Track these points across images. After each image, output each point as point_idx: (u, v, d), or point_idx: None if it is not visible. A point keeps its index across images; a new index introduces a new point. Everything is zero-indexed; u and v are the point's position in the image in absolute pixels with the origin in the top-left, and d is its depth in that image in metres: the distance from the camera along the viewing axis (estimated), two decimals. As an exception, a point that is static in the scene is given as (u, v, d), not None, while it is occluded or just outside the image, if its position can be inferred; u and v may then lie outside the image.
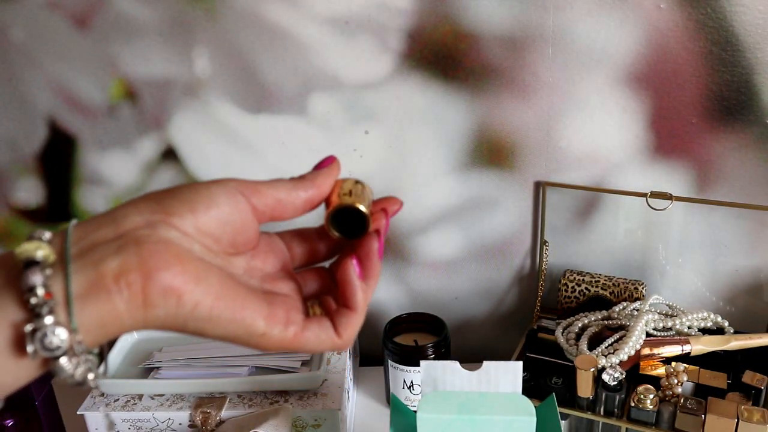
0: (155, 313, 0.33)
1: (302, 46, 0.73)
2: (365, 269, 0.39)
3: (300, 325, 0.37)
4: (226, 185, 0.37)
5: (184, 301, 0.33)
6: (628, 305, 0.73)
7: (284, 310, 0.37)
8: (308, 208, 0.40)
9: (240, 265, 0.38)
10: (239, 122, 0.77)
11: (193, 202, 0.35)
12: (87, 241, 0.33)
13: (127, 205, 0.35)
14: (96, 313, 0.32)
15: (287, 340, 0.36)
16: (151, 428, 0.67)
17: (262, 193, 0.38)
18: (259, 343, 0.36)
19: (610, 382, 0.64)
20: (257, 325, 0.35)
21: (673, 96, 0.71)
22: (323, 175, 0.41)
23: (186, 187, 0.36)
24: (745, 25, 0.67)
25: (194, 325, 0.34)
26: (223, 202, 0.36)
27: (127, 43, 0.73)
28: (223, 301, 0.34)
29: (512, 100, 0.74)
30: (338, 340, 0.38)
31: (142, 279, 0.32)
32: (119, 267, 0.32)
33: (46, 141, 0.79)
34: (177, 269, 0.33)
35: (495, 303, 0.86)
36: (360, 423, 0.76)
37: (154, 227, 0.33)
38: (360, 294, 0.38)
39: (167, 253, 0.33)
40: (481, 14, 0.70)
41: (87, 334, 0.32)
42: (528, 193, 0.79)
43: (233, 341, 0.36)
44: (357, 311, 0.38)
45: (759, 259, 0.77)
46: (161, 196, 0.36)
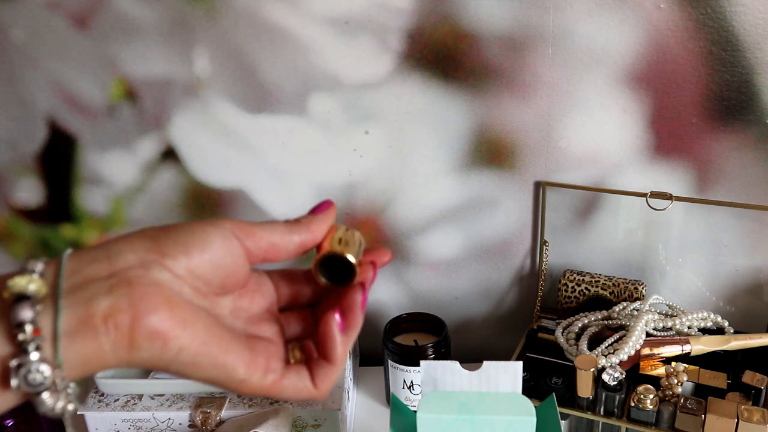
0: (140, 355, 0.33)
1: (302, 46, 0.72)
2: (347, 322, 0.38)
3: (279, 373, 0.37)
4: (222, 227, 0.37)
5: (170, 346, 0.33)
6: (628, 305, 0.73)
7: (265, 357, 0.37)
8: (301, 252, 0.40)
9: (226, 305, 0.39)
10: (239, 122, 0.76)
11: (188, 244, 0.35)
12: (80, 276, 0.33)
13: (122, 241, 0.35)
14: (81, 351, 0.32)
15: (265, 387, 0.37)
16: (151, 428, 0.67)
17: (257, 236, 0.38)
18: (238, 388, 0.36)
19: (610, 382, 0.64)
20: (238, 371, 0.36)
21: (673, 96, 0.71)
22: (318, 221, 0.41)
23: (182, 227, 0.36)
24: (745, 25, 0.67)
25: (176, 367, 0.34)
26: (217, 246, 0.36)
27: (127, 43, 0.73)
28: (207, 347, 0.34)
29: (512, 100, 0.74)
30: (315, 391, 0.38)
31: (130, 321, 0.32)
32: (109, 308, 0.32)
33: (46, 141, 0.79)
34: (165, 314, 0.33)
35: (495, 303, 0.86)
36: (360, 423, 0.76)
37: (147, 268, 0.34)
38: (340, 348, 0.38)
39: (158, 296, 0.33)
40: (481, 14, 0.70)
41: (70, 371, 0.32)
42: (528, 193, 0.79)
43: (213, 384, 0.36)
44: (335, 365, 0.38)
45: (759, 259, 0.77)
46: (157, 234, 0.36)
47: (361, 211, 0.81)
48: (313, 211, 0.42)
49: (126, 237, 0.35)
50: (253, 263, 0.39)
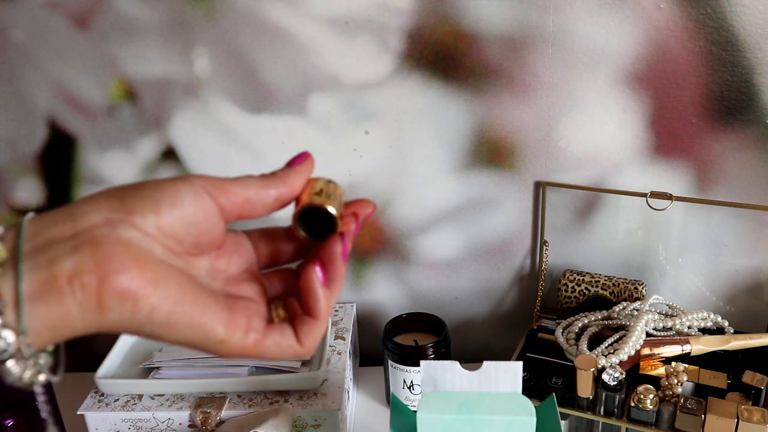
0: (110, 316, 0.31)
1: (302, 46, 0.72)
2: (328, 274, 0.37)
3: (261, 332, 0.36)
4: (193, 184, 0.35)
5: (141, 306, 0.32)
6: (628, 305, 0.73)
7: (245, 316, 0.36)
8: (278, 207, 0.38)
9: (203, 266, 0.37)
10: (239, 122, 0.76)
11: (157, 201, 0.34)
12: (42, 237, 0.31)
13: (87, 201, 0.33)
14: (47, 315, 0.30)
15: (247, 347, 0.35)
16: (151, 428, 0.67)
17: (231, 192, 0.36)
18: (218, 350, 0.35)
19: (610, 382, 0.64)
20: (216, 331, 0.34)
21: (673, 96, 0.71)
22: (295, 173, 0.39)
23: (151, 184, 0.35)
24: (745, 25, 0.67)
25: (150, 329, 0.33)
26: (188, 203, 0.35)
27: (127, 43, 0.73)
28: (181, 307, 0.33)
29: (512, 100, 0.74)
30: (300, 349, 0.37)
31: (97, 281, 0.31)
32: (74, 268, 0.30)
33: (46, 141, 0.79)
34: (134, 272, 0.31)
35: (495, 303, 0.86)
36: (360, 423, 0.76)
37: (113, 226, 0.32)
38: (323, 302, 0.36)
39: (125, 254, 0.31)
40: (481, 14, 0.70)
41: (36, 337, 0.31)
42: (528, 193, 0.79)
43: (191, 347, 0.35)
44: (319, 319, 0.37)
45: (759, 258, 0.77)
46: (124, 192, 0.34)
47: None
48: (289, 163, 0.40)
49: (90, 197, 0.34)
50: (228, 221, 0.37)
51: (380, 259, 0.84)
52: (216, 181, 0.36)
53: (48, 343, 0.32)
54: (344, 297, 0.86)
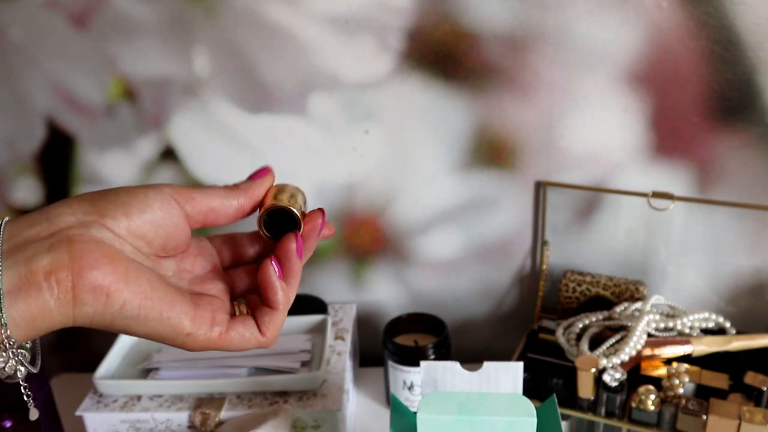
0: (84, 310, 0.34)
1: (302, 45, 0.72)
2: (284, 269, 0.40)
3: (225, 325, 0.38)
4: (162, 191, 0.38)
5: (113, 300, 0.34)
6: (630, 306, 0.72)
7: (210, 311, 0.38)
8: (240, 216, 0.42)
9: (170, 267, 0.40)
10: (239, 122, 0.76)
11: (128, 205, 0.37)
12: (19, 238, 0.34)
13: (61, 204, 0.36)
14: (26, 309, 0.32)
15: (212, 339, 0.38)
16: (150, 429, 0.67)
17: (196, 201, 0.40)
18: (185, 343, 0.37)
19: (611, 383, 0.64)
20: (183, 325, 0.37)
21: (675, 95, 0.71)
22: (257, 185, 0.42)
23: (122, 190, 0.38)
24: (746, 24, 0.67)
25: (122, 323, 0.35)
26: (157, 207, 0.38)
27: (126, 42, 0.73)
28: (150, 301, 0.35)
29: (513, 100, 0.74)
30: (262, 338, 0.39)
31: (72, 277, 0.33)
32: (50, 264, 0.33)
33: (45, 141, 0.79)
34: (107, 268, 0.34)
35: (495, 303, 0.86)
36: (360, 424, 0.76)
37: (87, 227, 0.35)
38: (280, 293, 0.39)
39: (98, 252, 0.34)
40: (482, 13, 0.70)
41: (17, 329, 0.32)
42: (528, 193, 0.78)
43: (160, 340, 0.37)
44: (278, 309, 0.39)
45: (761, 259, 0.76)
46: (96, 197, 0.37)
47: (361, 211, 0.81)
48: (251, 176, 0.43)
49: (64, 201, 0.36)
50: (193, 227, 0.40)
51: (380, 259, 0.84)
52: (183, 190, 0.40)
53: (28, 337, 0.34)
54: (344, 297, 0.86)
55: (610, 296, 0.76)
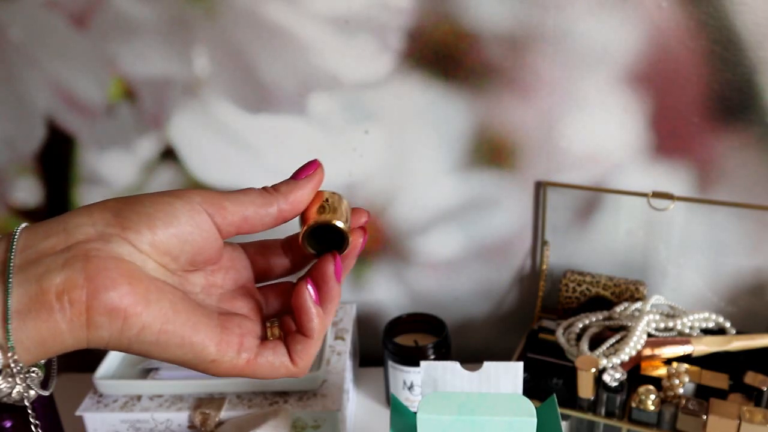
0: (98, 333, 0.31)
1: (302, 45, 0.72)
2: (321, 293, 0.36)
3: (254, 351, 0.35)
4: (191, 200, 0.34)
5: (130, 324, 0.31)
6: (630, 306, 0.72)
7: (238, 335, 0.35)
8: (279, 223, 0.37)
9: (198, 282, 0.36)
10: (239, 122, 0.76)
11: (153, 217, 0.33)
12: (33, 250, 0.31)
13: (81, 213, 0.33)
14: (36, 331, 0.30)
15: (239, 366, 0.35)
16: (150, 429, 0.67)
17: (228, 210, 0.35)
18: (209, 369, 0.34)
19: (611, 383, 0.64)
20: (208, 351, 0.34)
21: (675, 95, 0.71)
22: (300, 189, 0.37)
23: (147, 199, 0.34)
24: (746, 24, 0.67)
25: (139, 347, 0.32)
26: (184, 221, 0.33)
27: (126, 42, 0.73)
28: (172, 326, 0.32)
29: (513, 100, 0.74)
30: (293, 368, 0.36)
31: (87, 297, 0.30)
32: (63, 283, 0.30)
33: (45, 141, 0.79)
34: (125, 289, 0.31)
35: (495, 303, 0.86)
36: (360, 424, 0.76)
37: (106, 241, 0.31)
38: (316, 320, 0.36)
39: (116, 270, 0.31)
40: (482, 13, 0.70)
41: (25, 353, 0.30)
42: (528, 193, 0.78)
43: (182, 365, 0.34)
44: (313, 338, 0.36)
45: (761, 259, 0.76)
46: (119, 206, 0.33)
47: (361, 211, 0.81)
48: (296, 174, 0.38)
49: (85, 209, 0.33)
50: (225, 237, 0.36)
51: (380, 259, 0.84)
52: (213, 198, 0.35)
53: (37, 359, 0.31)
54: (344, 297, 0.86)
55: (610, 296, 0.76)
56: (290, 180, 0.37)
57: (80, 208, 0.33)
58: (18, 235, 0.31)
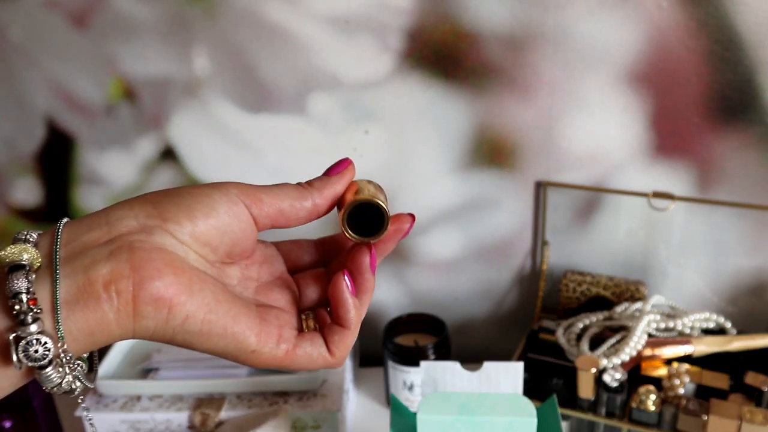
0: (144, 323, 0.31)
1: (302, 45, 0.72)
2: (357, 284, 0.37)
3: (292, 342, 0.36)
4: (228, 192, 0.35)
5: (175, 313, 0.31)
6: (630, 306, 0.72)
7: (277, 326, 0.35)
8: (314, 218, 0.38)
9: (234, 275, 0.37)
10: (238, 122, 0.76)
11: (192, 209, 0.34)
12: (77, 243, 0.31)
13: (122, 206, 0.33)
14: (84, 321, 0.30)
15: (278, 357, 0.35)
16: (149, 429, 0.67)
17: (264, 203, 0.36)
18: (249, 359, 0.35)
19: (612, 383, 0.64)
20: (249, 341, 0.34)
21: (675, 95, 0.71)
22: (333, 182, 0.38)
23: (186, 191, 0.34)
24: (747, 24, 0.67)
25: (183, 337, 0.33)
26: (223, 212, 0.34)
27: (126, 42, 0.73)
28: (215, 315, 0.33)
29: (513, 100, 0.74)
30: (331, 359, 0.36)
31: (133, 287, 0.30)
32: (110, 274, 0.30)
33: (45, 141, 0.78)
34: (170, 279, 0.31)
35: (495, 303, 0.86)
36: (360, 424, 0.76)
37: (149, 233, 0.32)
38: (353, 311, 0.36)
39: (160, 261, 0.31)
40: (482, 13, 0.70)
41: (74, 343, 0.30)
42: (529, 193, 0.78)
43: (222, 356, 0.34)
44: (350, 329, 0.36)
45: (761, 259, 0.76)
46: (158, 199, 0.34)
47: (361, 211, 0.81)
48: (328, 171, 0.39)
49: (126, 203, 0.34)
50: (260, 230, 0.36)
51: (380, 259, 0.83)
52: (250, 191, 0.36)
53: (85, 350, 0.31)
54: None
55: (611, 296, 0.76)
56: (323, 176, 0.38)
57: (121, 202, 0.34)
58: (61, 229, 0.32)
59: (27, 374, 0.31)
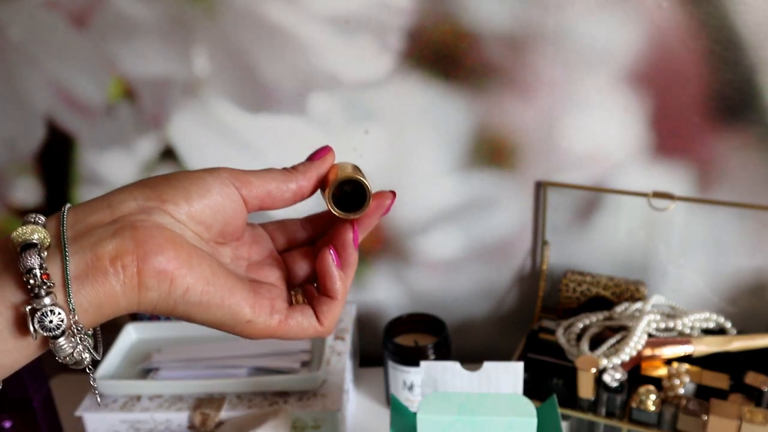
0: (149, 295, 0.34)
1: (302, 45, 0.72)
2: (341, 258, 0.40)
3: (284, 313, 0.38)
4: (220, 176, 0.38)
5: (177, 285, 0.34)
6: (630, 306, 0.72)
7: (269, 298, 0.38)
8: (298, 200, 0.41)
9: (227, 254, 0.40)
10: (238, 122, 0.76)
11: (188, 190, 0.36)
12: (83, 224, 0.34)
13: (122, 191, 0.36)
14: (93, 294, 0.33)
15: (272, 327, 0.38)
16: (149, 429, 0.67)
17: (253, 184, 0.39)
18: (244, 330, 0.37)
19: (612, 383, 0.64)
20: (244, 312, 0.37)
21: (675, 95, 0.71)
22: (315, 168, 0.41)
23: (180, 175, 0.37)
24: (747, 24, 0.67)
25: (184, 308, 0.35)
26: (216, 192, 0.37)
27: (126, 42, 0.73)
28: (213, 287, 0.35)
29: (513, 100, 0.74)
30: (320, 328, 0.39)
31: (137, 262, 0.33)
32: (115, 250, 0.33)
33: (45, 140, 0.78)
34: (171, 254, 0.34)
35: (495, 303, 0.86)
36: (360, 424, 0.76)
37: (148, 213, 0.35)
38: (339, 283, 0.39)
39: (161, 237, 0.34)
40: (482, 13, 0.70)
41: (84, 315, 0.33)
42: (528, 193, 0.78)
43: (220, 327, 0.37)
44: (337, 299, 0.39)
45: (761, 259, 0.76)
46: (156, 182, 0.37)
47: (361, 211, 0.81)
48: (310, 157, 0.42)
49: (125, 188, 0.36)
50: (249, 211, 0.40)
51: (380, 259, 0.84)
52: (239, 174, 0.39)
53: (94, 322, 0.34)
54: (344, 297, 0.86)
55: (611, 296, 0.76)
56: (306, 161, 0.42)
57: (120, 188, 0.37)
58: (66, 213, 0.35)
59: (41, 345, 0.33)
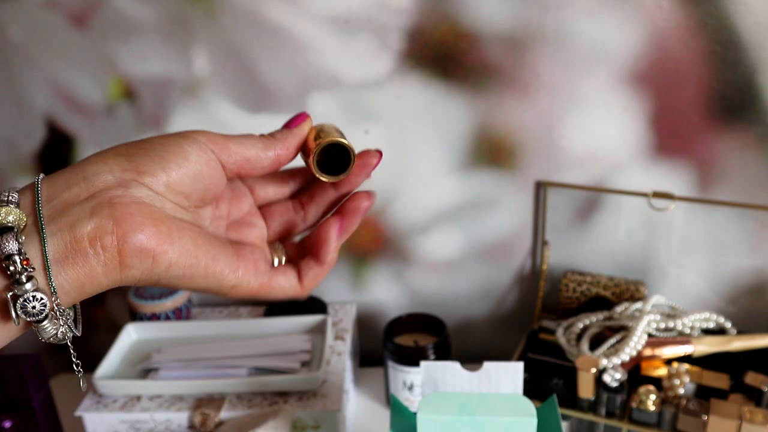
0: (131, 273, 0.33)
1: (302, 45, 0.72)
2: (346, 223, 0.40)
3: (267, 275, 0.39)
4: (197, 141, 0.37)
5: (159, 262, 0.34)
6: (630, 306, 0.72)
7: (252, 262, 0.39)
8: (276, 168, 0.41)
9: (206, 216, 0.40)
10: (238, 122, 0.76)
11: (165, 159, 0.35)
12: (59, 201, 0.33)
13: (95, 161, 0.35)
14: (74, 276, 0.32)
15: (255, 289, 0.39)
16: (149, 429, 0.67)
17: (231, 151, 0.38)
18: (229, 293, 0.38)
19: (612, 383, 0.64)
20: (228, 278, 0.37)
21: (675, 95, 0.71)
22: (293, 135, 0.41)
23: (156, 142, 0.36)
24: (747, 24, 0.67)
25: (168, 281, 0.35)
26: (194, 160, 0.36)
27: (126, 42, 0.73)
28: (195, 259, 0.35)
29: (513, 100, 0.74)
30: (300, 290, 0.40)
31: (117, 242, 0.32)
32: (94, 230, 0.32)
33: (45, 140, 0.79)
34: (151, 230, 0.33)
35: (495, 303, 0.86)
36: (360, 424, 0.76)
37: (126, 187, 0.34)
38: (333, 253, 0.40)
39: (140, 214, 0.33)
40: (482, 13, 0.70)
41: (65, 296, 0.32)
42: (528, 193, 0.78)
43: (205, 292, 0.38)
44: (324, 265, 0.40)
45: (761, 259, 0.76)
46: (131, 151, 0.35)
47: (361, 211, 0.81)
48: (287, 124, 0.42)
49: (98, 156, 0.35)
50: (229, 177, 0.39)
51: (380, 259, 0.84)
52: (218, 139, 0.38)
53: (76, 300, 0.33)
54: (344, 297, 0.86)
55: (611, 296, 0.76)
56: (283, 129, 0.42)
57: (93, 156, 0.35)
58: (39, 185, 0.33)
59: (24, 327, 0.33)
